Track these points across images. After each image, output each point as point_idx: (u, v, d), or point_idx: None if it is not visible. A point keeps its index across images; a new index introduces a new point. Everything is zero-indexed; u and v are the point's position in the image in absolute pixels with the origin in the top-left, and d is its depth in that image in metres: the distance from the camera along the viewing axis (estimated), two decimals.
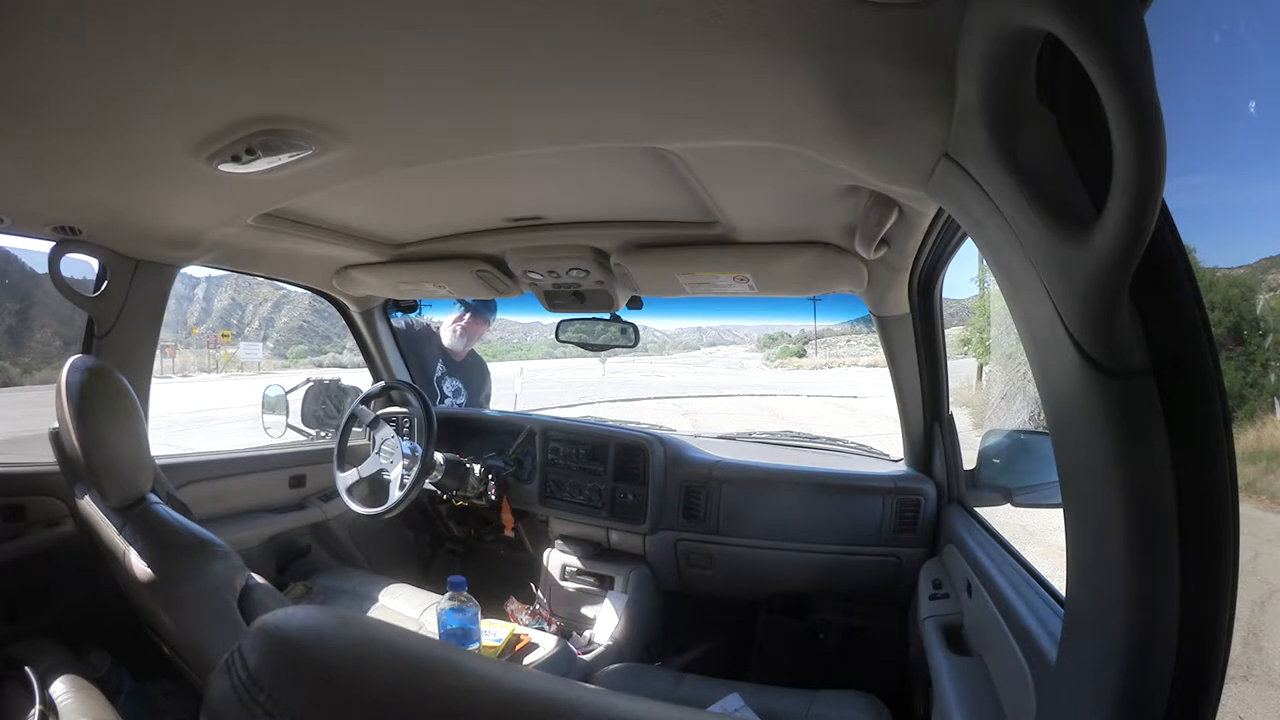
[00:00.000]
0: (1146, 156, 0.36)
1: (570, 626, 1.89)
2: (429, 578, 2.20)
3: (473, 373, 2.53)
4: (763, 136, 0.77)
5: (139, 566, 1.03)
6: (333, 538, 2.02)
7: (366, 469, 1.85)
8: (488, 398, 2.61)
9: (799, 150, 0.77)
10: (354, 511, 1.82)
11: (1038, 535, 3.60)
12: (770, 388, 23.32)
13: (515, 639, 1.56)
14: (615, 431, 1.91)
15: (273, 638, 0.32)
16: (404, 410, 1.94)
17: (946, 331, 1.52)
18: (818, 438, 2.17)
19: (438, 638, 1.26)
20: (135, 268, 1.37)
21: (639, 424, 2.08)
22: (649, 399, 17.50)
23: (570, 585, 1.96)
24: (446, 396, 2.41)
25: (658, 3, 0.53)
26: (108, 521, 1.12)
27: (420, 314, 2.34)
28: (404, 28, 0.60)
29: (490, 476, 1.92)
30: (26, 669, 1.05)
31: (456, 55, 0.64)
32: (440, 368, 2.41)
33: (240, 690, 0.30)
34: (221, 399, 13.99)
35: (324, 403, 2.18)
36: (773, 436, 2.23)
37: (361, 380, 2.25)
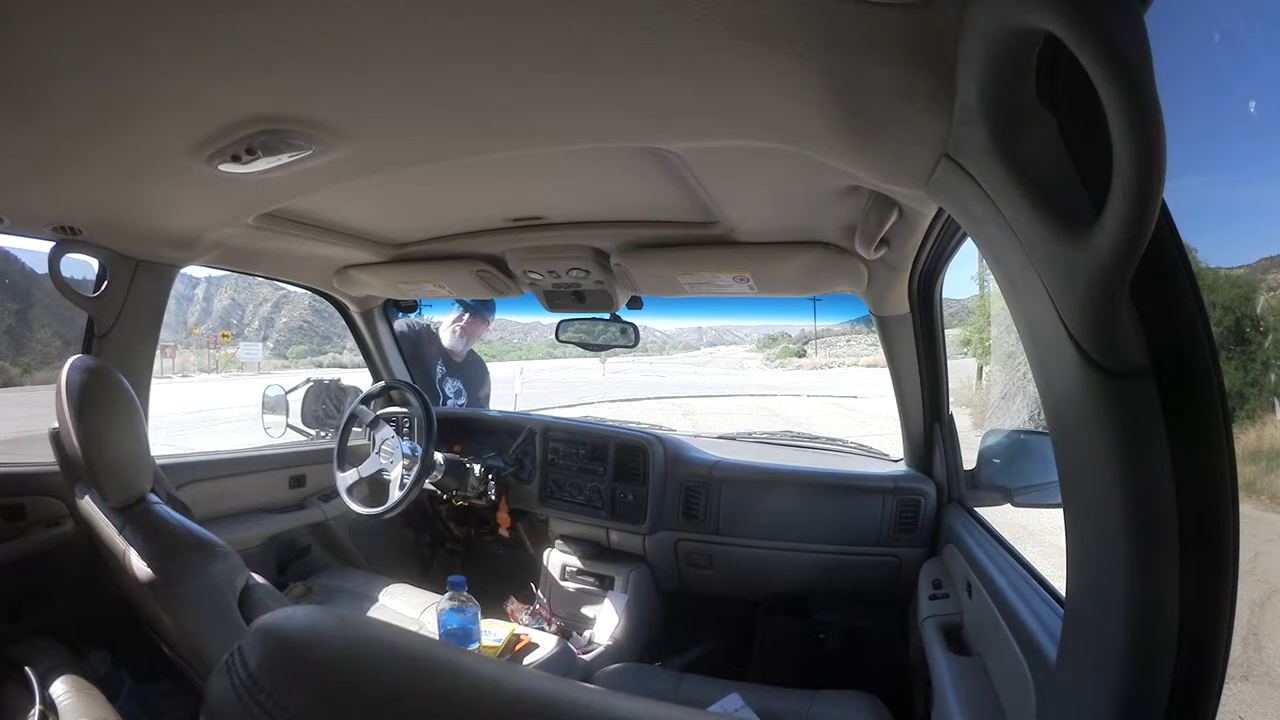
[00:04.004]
0: (1146, 157, 0.36)
1: (570, 626, 1.89)
2: (429, 578, 2.20)
3: (473, 372, 2.53)
4: (763, 136, 0.77)
5: (139, 566, 1.03)
6: (333, 538, 2.02)
7: (366, 469, 1.85)
8: (487, 396, 2.61)
9: (799, 150, 0.77)
10: (354, 511, 1.82)
11: (1038, 535, 3.61)
12: (770, 388, 23.32)
13: (515, 639, 1.56)
14: (615, 431, 1.91)
15: (273, 638, 0.32)
16: (404, 410, 1.94)
17: (946, 331, 1.52)
18: (818, 438, 2.17)
19: (438, 638, 1.26)
20: (135, 268, 1.37)
21: (639, 424, 2.08)
22: (649, 399, 17.50)
23: (570, 585, 1.95)
24: (449, 398, 2.41)
25: (658, 2, 0.53)
26: (108, 521, 1.12)
27: (420, 314, 2.34)
28: (404, 27, 0.60)
29: (490, 476, 1.92)
30: (26, 669, 1.05)
31: (456, 55, 0.64)
32: (441, 369, 2.41)
33: (240, 690, 0.30)
34: (221, 399, 13.99)
35: (324, 403, 2.18)
36: (773, 436, 2.23)
37: (361, 380, 2.25)
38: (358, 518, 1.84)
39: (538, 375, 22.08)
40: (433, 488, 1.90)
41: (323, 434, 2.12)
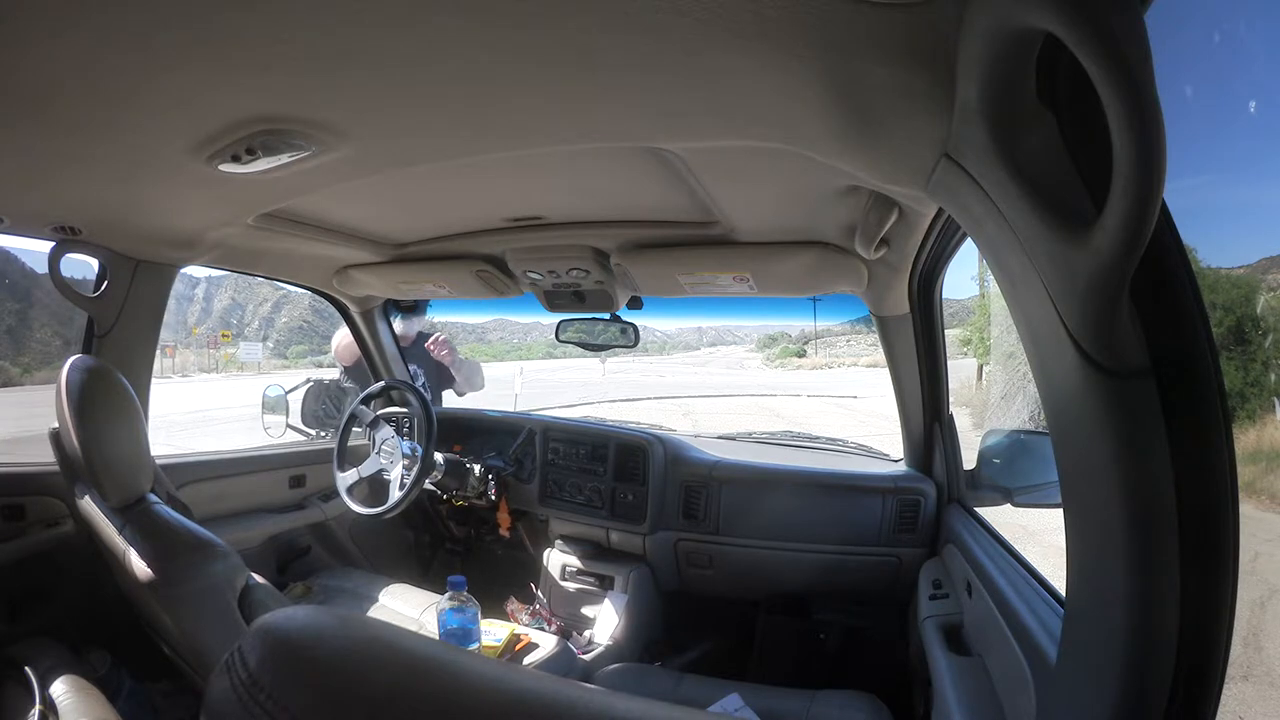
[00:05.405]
0: (1146, 157, 0.36)
1: (570, 626, 1.89)
2: (429, 578, 2.20)
3: (424, 356, 2.53)
4: (763, 137, 0.77)
5: (139, 566, 1.03)
6: (333, 538, 2.02)
7: (366, 469, 1.85)
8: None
9: (799, 150, 0.77)
10: (354, 511, 1.82)
11: (1038, 535, 3.60)
12: (770, 388, 23.31)
13: (515, 639, 1.56)
14: (615, 431, 1.91)
15: (273, 638, 0.32)
16: (404, 410, 1.94)
17: (946, 331, 1.52)
18: (818, 438, 2.17)
19: (438, 638, 1.26)
20: (135, 268, 1.37)
21: (639, 424, 2.08)
22: (649, 399, 17.50)
23: (570, 585, 1.95)
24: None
25: (658, 2, 0.53)
26: (108, 521, 1.12)
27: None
28: (404, 27, 0.60)
29: (490, 476, 1.92)
30: (26, 669, 1.05)
31: (456, 55, 0.64)
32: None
33: (240, 690, 0.30)
34: (221, 399, 13.98)
35: (324, 403, 2.19)
36: (773, 436, 2.23)
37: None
38: (358, 518, 1.84)
39: (538, 375, 22.09)
40: (433, 488, 1.90)
41: (323, 434, 2.12)
